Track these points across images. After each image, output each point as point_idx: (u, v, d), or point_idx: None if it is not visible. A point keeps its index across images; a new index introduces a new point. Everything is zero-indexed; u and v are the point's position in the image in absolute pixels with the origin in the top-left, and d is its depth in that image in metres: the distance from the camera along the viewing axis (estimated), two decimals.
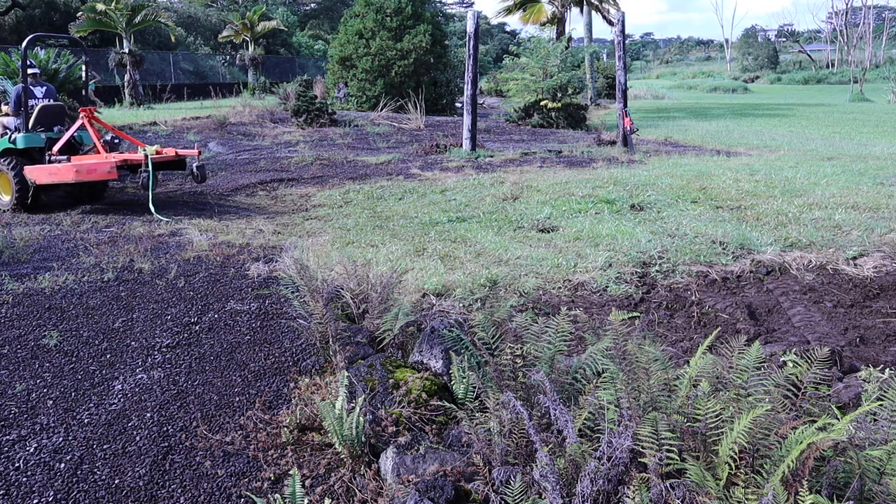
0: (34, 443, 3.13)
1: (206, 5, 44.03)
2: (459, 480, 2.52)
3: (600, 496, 2.17)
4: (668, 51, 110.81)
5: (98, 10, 24.01)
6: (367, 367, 3.48)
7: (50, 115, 8.59)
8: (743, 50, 77.55)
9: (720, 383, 2.54)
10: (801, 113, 25.76)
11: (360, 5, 21.96)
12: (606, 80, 30.56)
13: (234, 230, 7.09)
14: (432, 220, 7.39)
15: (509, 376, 2.94)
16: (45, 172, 8.02)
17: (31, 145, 8.22)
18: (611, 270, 5.44)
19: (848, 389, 3.20)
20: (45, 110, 8.53)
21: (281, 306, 4.85)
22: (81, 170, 7.83)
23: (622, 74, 13.80)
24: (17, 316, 4.64)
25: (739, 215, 7.26)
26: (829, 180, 9.24)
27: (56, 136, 8.47)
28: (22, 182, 8.07)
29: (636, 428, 2.24)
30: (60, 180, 8.03)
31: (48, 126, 8.54)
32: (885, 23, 70.85)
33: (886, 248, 5.91)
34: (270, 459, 2.98)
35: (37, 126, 8.39)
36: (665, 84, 57.49)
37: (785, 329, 4.40)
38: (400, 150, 13.45)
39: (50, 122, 8.58)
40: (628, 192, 8.56)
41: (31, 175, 8.06)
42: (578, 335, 3.88)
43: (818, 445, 2.03)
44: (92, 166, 7.86)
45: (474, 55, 12.65)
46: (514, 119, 19.80)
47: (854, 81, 43.35)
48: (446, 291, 4.97)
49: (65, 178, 7.96)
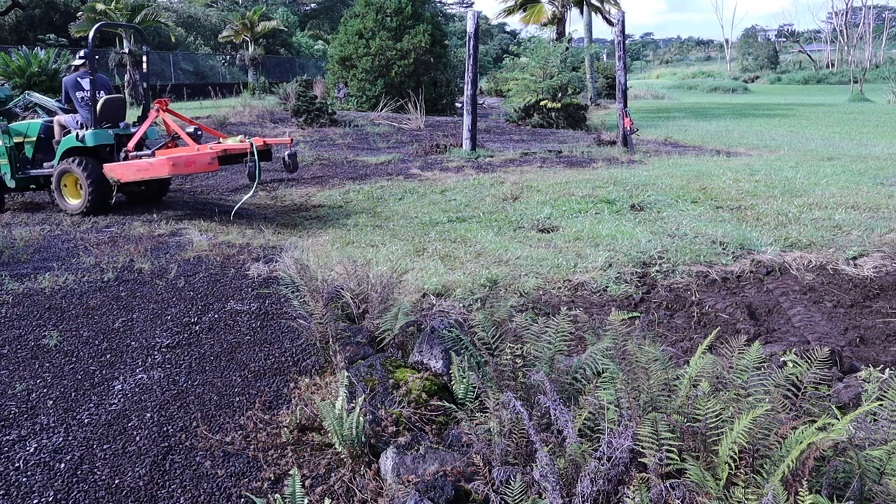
0: (34, 443, 3.13)
1: (206, 5, 44.02)
2: (459, 480, 2.52)
3: (600, 496, 2.17)
4: (668, 51, 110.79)
5: (98, 10, 24.01)
6: (367, 367, 3.48)
7: (114, 109, 7.97)
8: (743, 50, 77.56)
9: (720, 383, 2.54)
10: (801, 113, 25.76)
11: (360, 5, 21.95)
12: (606, 80, 30.55)
13: (234, 230, 7.09)
14: (432, 220, 7.39)
15: (509, 376, 2.94)
16: (131, 169, 7.32)
17: (100, 142, 7.58)
18: (611, 270, 5.43)
19: (848, 389, 3.20)
20: (110, 104, 7.88)
21: (281, 306, 4.85)
22: (178, 163, 7.09)
23: (622, 74, 13.79)
24: (17, 316, 4.64)
25: (739, 215, 7.26)
26: (829, 180, 9.24)
27: (122, 131, 7.86)
28: (99, 182, 7.50)
29: (636, 428, 2.24)
30: (153, 176, 7.34)
31: (113, 121, 7.89)
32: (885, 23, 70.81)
33: (886, 248, 5.91)
34: (270, 459, 2.98)
35: (102, 121, 7.73)
36: (665, 84, 57.47)
37: (785, 329, 4.40)
38: (400, 150, 13.45)
39: (114, 117, 7.94)
40: (628, 192, 8.56)
41: (113, 173, 7.40)
42: (578, 335, 3.88)
43: (818, 445, 2.03)
44: (191, 158, 7.13)
45: (474, 55, 12.65)
46: (514, 119, 19.80)
47: (854, 81, 43.34)
48: (446, 291, 4.97)
49: (159, 174, 7.25)
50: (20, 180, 8.25)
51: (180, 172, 7.43)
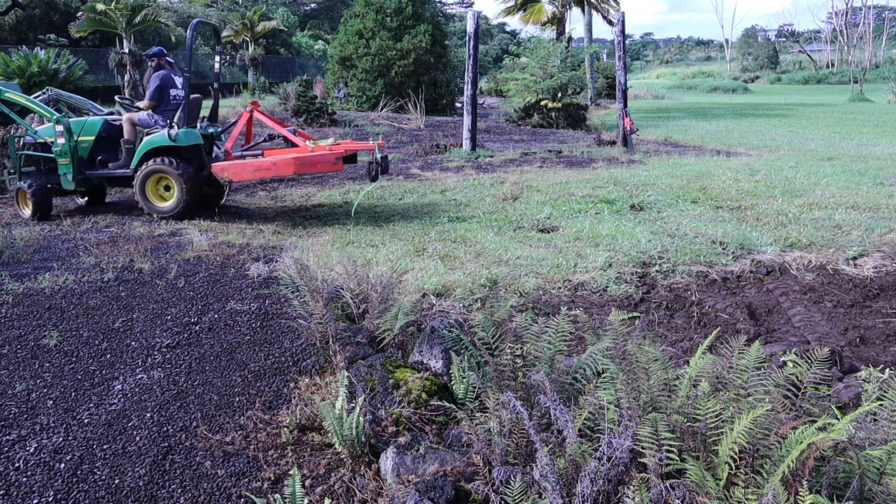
0: (34, 443, 3.13)
1: (206, 5, 44.02)
2: (459, 480, 2.52)
3: (600, 496, 2.17)
4: (668, 51, 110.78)
5: (98, 10, 24.02)
6: (367, 367, 3.48)
7: (197, 108, 7.73)
8: (743, 50, 77.56)
9: (720, 383, 2.54)
10: (801, 113, 25.76)
11: (360, 5, 21.96)
12: (606, 80, 30.55)
13: (234, 230, 7.09)
14: (432, 220, 7.39)
15: (509, 376, 2.94)
16: (248, 169, 7.20)
17: (192, 143, 7.33)
18: (611, 270, 5.43)
19: (848, 389, 3.19)
20: (195, 103, 7.65)
21: (281, 306, 4.85)
22: (305, 162, 7.02)
23: (622, 74, 13.79)
24: (17, 316, 4.64)
25: (739, 215, 7.26)
26: (829, 180, 9.24)
27: (202, 130, 7.62)
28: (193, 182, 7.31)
29: (636, 428, 2.24)
30: (275, 175, 7.27)
31: (195, 121, 7.62)
32: (885, 23, 70.80)
33: (886, 248, 5.91)
34: (270, 459, 2.98)
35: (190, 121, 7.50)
36: (665, 84, 57.47)
37: (785, 329, 4.40)
38: (400, 150, 13.45)
39: (195, 117, 7.67)
40: (628, 192, 8.56)
41: (225, 173, 7.25)
42: (578, 335, 3.88)
43: (818, 445, 2.03)
44: (316, 158, 7.06)
45: (474, 55, 12.65)
46: (514, 119, 19.80)
47: (854, 81, 43.34)
48: (446, 291, 4.97)
49: (283, 173, 7.20)
50: (79, 182, 7.76)
51: (305, 172, 7.35)
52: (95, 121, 7.80)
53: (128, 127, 7.61)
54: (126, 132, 7.61)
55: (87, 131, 7.72)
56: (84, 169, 7.75)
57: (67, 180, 7.69)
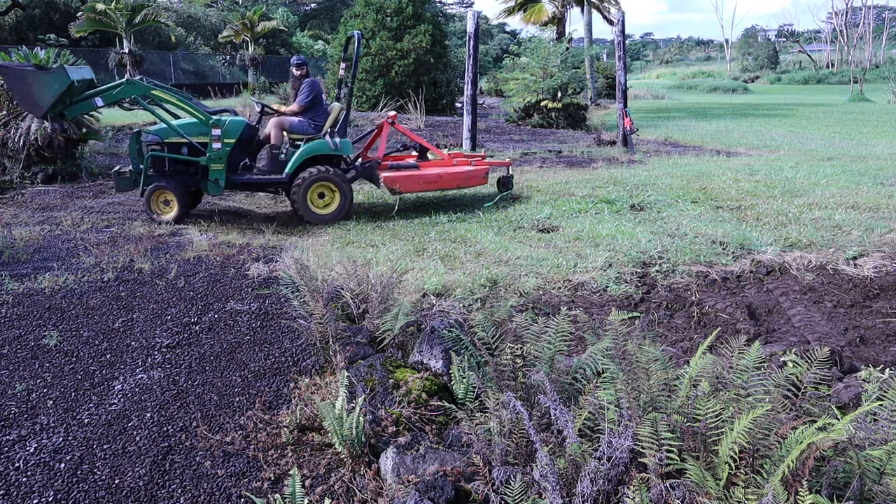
0: (34, 443, 3.13)
1: (206, 5, 44.02)
2: (459, 480, 2.52)
3: (600, 496, 2.17)
4: (668, 51, 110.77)
5: (98, 10, 24.03)
6: (367, 367, 3.48)
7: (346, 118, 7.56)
8: (743, 50, 77.54)
9: (720, 383, 2.54)
10: (801, 113, 25.75)
11: (360, 5, 21.97)
12: (606, 80, 30.56)
13: (234, 230, 7.09)
14: (432, 220, 7.39)
15: (509, 376, 2.94)
16: (417, 181, 7.53)
17: (349, 153, 7.36)
18: (611, 270, 5.43)
19: (848, 389, 3.19)
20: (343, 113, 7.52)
21: (281, 306, 4.85)
22: (467, 177, 7.70)
23: (622, 74, 13.79)
24: (17, 316, 4.64)
25: (739, 215, 7.26)
26: (829, 180, 9.24)
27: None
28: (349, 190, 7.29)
29: (636, 428, 2.24)
30: (439, 188, 7.75)
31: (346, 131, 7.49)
32: (885, 23, 70.80)
33: (886, 248, 5.91)
34: (270, 459, 2.98)
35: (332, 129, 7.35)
36: (665, 84, 57.46)
37: (785, 329, 4.39)
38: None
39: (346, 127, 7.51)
40: (628, 192, 8.56)
41: (396, 184, 7.37)
42: (578, 335, 3.88)
43: (818, 445, 2.02)
44: (471, 173, 7.73)
45: (474, 55, 12.64)
46: (514, 119, 19.80)
47: (854, 81, 43.33)
48: (446, 291, 4.97)
49: (447, 187, 7.75)
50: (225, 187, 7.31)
51: (462, 186, 7.85)
52: (237, 122, 7.31)
53: (276, 132, 7.34)
54: (274, 137, 7.36)
55: (229, 134, 7.19)
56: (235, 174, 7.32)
57: (218, 186, 7.21)
